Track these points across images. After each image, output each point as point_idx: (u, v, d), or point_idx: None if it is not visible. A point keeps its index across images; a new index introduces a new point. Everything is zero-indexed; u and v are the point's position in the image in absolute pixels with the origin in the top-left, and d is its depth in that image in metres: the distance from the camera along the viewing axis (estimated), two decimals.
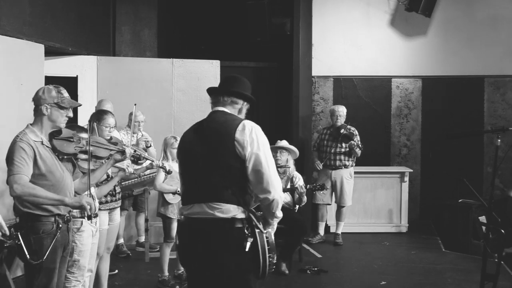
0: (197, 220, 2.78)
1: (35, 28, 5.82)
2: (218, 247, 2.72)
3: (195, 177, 2.85)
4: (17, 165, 3.10)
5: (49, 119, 3.29)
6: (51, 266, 3.22)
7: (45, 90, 3.31)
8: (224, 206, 2.73)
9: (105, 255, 4.54)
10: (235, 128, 2.77)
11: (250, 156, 2.72)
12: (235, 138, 2.74)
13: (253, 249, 2.73)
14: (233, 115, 2.93)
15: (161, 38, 8.14)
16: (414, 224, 7.76)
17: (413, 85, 8.32)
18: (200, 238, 2.76)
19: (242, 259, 2.71)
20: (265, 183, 2.72)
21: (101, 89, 6.97)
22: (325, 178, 7.03)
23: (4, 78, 5.33)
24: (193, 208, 2.80)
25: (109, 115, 4.33)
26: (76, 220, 3.73)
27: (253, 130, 2.78)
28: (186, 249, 2.86)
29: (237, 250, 2.70)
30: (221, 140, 2.78)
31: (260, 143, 2.76)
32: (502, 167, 7.70)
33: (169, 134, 5.73)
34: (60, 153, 3.40)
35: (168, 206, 5.14)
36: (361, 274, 5.78)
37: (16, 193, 3.06)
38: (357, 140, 6.88)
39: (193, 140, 2.91)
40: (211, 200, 2.74)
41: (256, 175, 2.72)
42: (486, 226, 4.41)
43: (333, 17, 8.29)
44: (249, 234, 2.72)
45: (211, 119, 2.94)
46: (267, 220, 2.85)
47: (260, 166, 2.71)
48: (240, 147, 2.73)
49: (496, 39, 8.08)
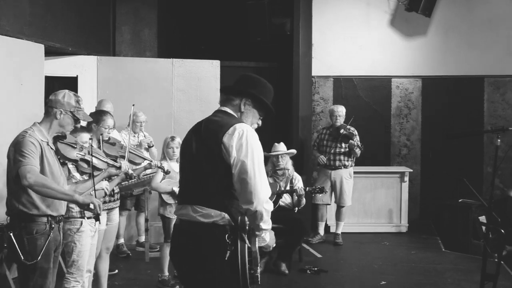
0: (183, 222, 2.70)
1: (35, 28, 5.81)
2: (200, 251, 2.62)
3: (187, 178, 2.78)
4: (27, 156, 3.09)
5: (59, 123, 3.31)
6: (45, 266, 3.22)
7: (66, 95, 3.31)
8: (206, 210, 2.61)
9: (105, 255, 4.54)
10: (224, 131, 2.61)
11: (236, 162, 2.57)
12: (222, 142, 2.59)
13: (232, 259, 2.59)
14: (231, 116, 2.75)
15: (161, 38, 8.14)
16: (414, 224, 7.76)
17: (413, 85, 8.32)
18: (185, 240, 2.68)
19: (222, 267, 2.59)
20: (248, 192, 2.55)
21: (101, 89, 6.97)
22: (324, 178, 7.03)
23: (4, 78, 5.33)
24: (182, 209, 2.72)
25: (108, 116, 4.33)
26: (76, 220, 3.74)
27: (244, 135, 2.60)
28: (173, 250, 2.79)
29: (217, 257, 2.58)
30: (210, 142, 2.64)
31: (249, 150, 2.58)
32: (502, 167, 7.70)
33: (169, 134, 5.73)
34: (62, 157, 3.43)
35: (166, 206, 5.13)
36: (361, 274, 5.78)
37: (29, 182, 3.04)
38: (357, 140, 6.88)
39: (189, 139, 2.78)
40: (196, 203, 2.64)
41: (241, 183, 2.57)
42: (486, 226, 4.41)
43: (333, 17, 8.29)
44: (229, 242, 2.58)
45: (209, 119, 2.79)
46: (254, 232, 2.68)
47: (245, 174, 2.55)
48: (226, 152, 2.59)
49: (496, 39, 8.08)
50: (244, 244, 2.62)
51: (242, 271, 2.59)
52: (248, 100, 2.79)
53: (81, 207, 3.28)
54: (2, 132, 5.03)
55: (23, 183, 3.06)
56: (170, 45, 8.63)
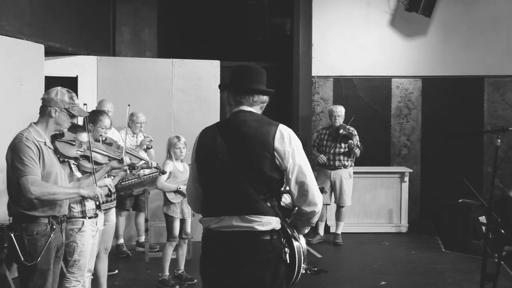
0: (231, 233, 2.55)
1: (35, 28, 5.81)
2: (258, 260, 2.54)
3: (224, 187, 2.58)
4: (27, 165, 3.06)
5: (55, 122, 3.27)
6: (45, 268, 3.21)
7: (58, 93, 3.28)
8: (264, 218, 2.53)
9: (103, 256, 4.53)
10: (273, 135, 2.53)
11: (293, 167, 2.53)
12: (275, 148, 2.52)
13: (290, 260, 2.60)
14: (263, 118, 2.66)
15: (161, 38, 8.14)
16: (414, 224, 7.76)
17: (413, 85, 8.32)
18: (237, 251, 2.56)
19: (280, 271, 2.58)
20: (310, 195, 2.55)
21: (101, 89, 6.97)
22: (324, 178, 7.03)
23: (4, 78, 5.33)
24: (223, 221, 2.57)
25: (105, 116, 4.33)
26: (77, 220, 3.73)
27: (291, 137, 2.56)
28: (217, 264, 2.61)
29: (276, 262, 2.56)
30: (257, 148, 2.53)
31: (300, 152, 2.56)
32: (502, 167, 7.70)
33: (169, 134, 5.73)
34: (61, 155, 3.41)
35: (170, 205, 5.14)
36: (361, 274, 5.78)
37: (35, 194, 3.04)
38: (357, 140, 6.88)
39: (218, 145, 2.60)
40: (248, 212, 2.53)
41: (301, 187, 2.54)
42: (486, 226, 4.41)
43: (333, 17, 8.30)
44: (286, 245, 2.58)
45: (240, 121, 2.62)
46: (299, 229, 2.69)
47: (305, 178, 2.53)
48: (280, 158, 2.53)
49: (496, 39, 8.08)
50: (299, 244, 2.63)
51: (298, 268, 2.62)
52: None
53: (89, 197, 3.33)
54: (2, 132, 5.03)
55: (29, 196, 3.05)
56: (170, 45, 8.63)
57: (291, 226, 2.65)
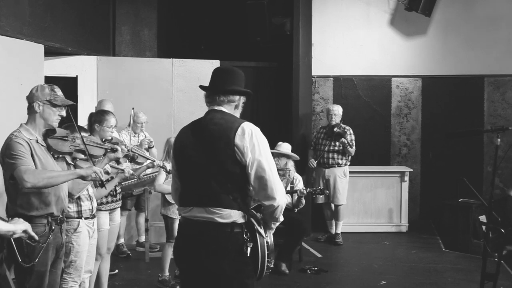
0: (196, 222, 2.72)
1: (35, 28, 5.81)
2: (217, 251, 2.67)
3: (193, 181, 2.77)
4: (19, 158, 3.07)
5: (41, 116, 3.27)
6: (42, 269, 3.21)
7: (39, 87, 3.32)
8: (224, 211, 2.66)
9: (105, 255, 4.54)
10: (234, 132, 2.67)
11: (252, 162, 2.64)
12: (235, 144, 2.65)
13: (253, 254, 2.69)
14: (231, 116, 2.81)
15: (161, 38, 8.14)
16: (414, 223, 7.76)
17: (413, 84, 8.32)
18: (199, 240, 2.71)
19: (241, 263, 2.67)
20: (269, 189, 2.65)
21: (101, 89, 6.97)
22: (318, 177, 7.05)
23: (4, 78, 5.33)
24: (192, 211, 2.74)
25: (110, 116, 4.33)
26: (73, 220, 3.72)
27: (253, 134, 2.68)
28: (184, 250, 2.80)
29: (236, 254, 2.66)
30: (220, 145, 2.68)
31: (261, 148, 2.67)
32: (502, 167, 7.71)
33: (169, 134, 5.73)
34: (55, 152, 3.39)
35: (169, 206, 5.15)
36: (361, 274, 5.78)
37: (30, 182, 3.02)
38: (350, 139, 6.88)
39: (190, 141, 2.81)
40: (211, 205, 2.68)
41: (260, 181, 2.65)
42: (486, 225, 4.41)
43: (333, 16, 8.30)
44: (248, 239, 2.68)
45: (208, 120, 2.82)
46: (268, 224, 2.79)
47: (264, 172, 2.64)
48: (240, 153, 2.65)
49: (496, 39, 8.08)
50: (263, 239, 2.73)
51: (262, 263, 2.72)
52: (244, 97, 2.92)
53: (86, 179, 3.30)
54: (2, 132, 5.02)
55: (25, 186, 3.03)
56: (170, 45, 8.63)
57: (259, 221, 2.75)
